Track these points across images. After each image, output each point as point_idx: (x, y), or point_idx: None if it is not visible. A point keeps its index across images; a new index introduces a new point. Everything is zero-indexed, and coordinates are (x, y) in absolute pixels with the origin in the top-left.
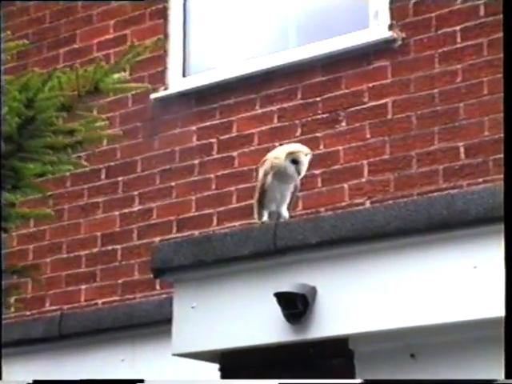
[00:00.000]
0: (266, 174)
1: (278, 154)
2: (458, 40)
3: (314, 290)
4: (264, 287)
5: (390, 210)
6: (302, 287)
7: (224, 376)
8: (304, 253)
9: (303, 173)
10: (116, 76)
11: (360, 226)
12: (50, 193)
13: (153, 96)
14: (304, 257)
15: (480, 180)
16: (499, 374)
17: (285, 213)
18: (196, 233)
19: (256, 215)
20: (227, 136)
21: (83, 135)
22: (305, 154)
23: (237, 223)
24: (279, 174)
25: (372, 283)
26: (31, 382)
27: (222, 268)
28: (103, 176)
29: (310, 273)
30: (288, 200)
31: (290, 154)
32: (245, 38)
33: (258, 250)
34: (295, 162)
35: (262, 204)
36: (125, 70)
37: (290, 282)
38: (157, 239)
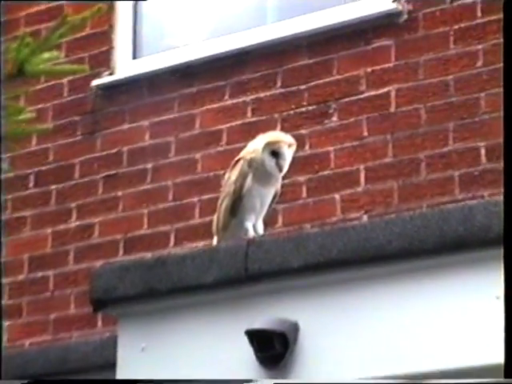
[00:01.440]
0: (243, 176)
1: (256, 146)
2: (479, 14)
3: (295, 327)
4: (233, 323)
5: (393, 227)
6: (281, 323)
7: None
8: (283, 280)
9: (286, 168)
10: (46, 55)
11: (354, 247)
12: None
13: (94, 83)
14: (283, 285)
15: None
16: None
17: (260, 228)
18: (148, 255)
19: (218, 233)
20: (188, 133)
21: (4, 130)
22: (288, 145)
23: (199, 243)
24: (259, 173)
25: (369, 319)
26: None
27: (180, 299)
28: (31, 183)
29: (290, 305)
30: (265, 210)
31: (269, 144)
32: (211, 11)
33: (225, 277)
34: (275, 154)
35: (236, 216)
36: (58, 49)
37: (266, 316)
38: (98, 263)
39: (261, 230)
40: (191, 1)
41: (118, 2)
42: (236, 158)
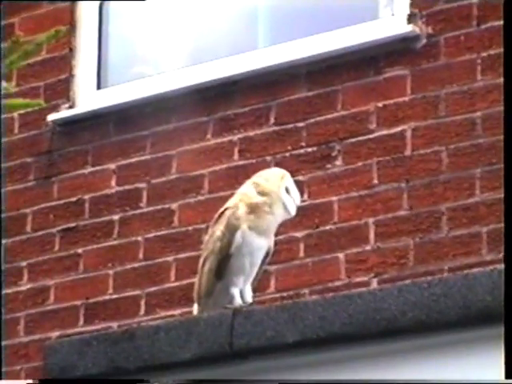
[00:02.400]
0: (231, 230)
1: (267, 185)
2: None
3: None
4: None
5: (407, 294)
6: None
7: None
8: (275, 358)
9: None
10: None
11: (361, 319)
12: None
13: (51, 117)
14: (275, 364)
15: None
16: None
17: (248, 294)
18: (113, 325)
19: (199, 300)
20: (163, 179)
21: None
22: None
23: (175, 312)
24: (258, 220)
25: None
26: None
27: (152, 379)
28: None
29: None
30: (255, 273)
31: (284, 179)
32: (191, 33)
33: (205, 353)
34: (288, 190)
35: (222, 279)
36: (8, 79)
37: None
38: (54, 334)
39: (249, 296)
40: (167, 20)
41: (81, 23)
42: (221, 210)
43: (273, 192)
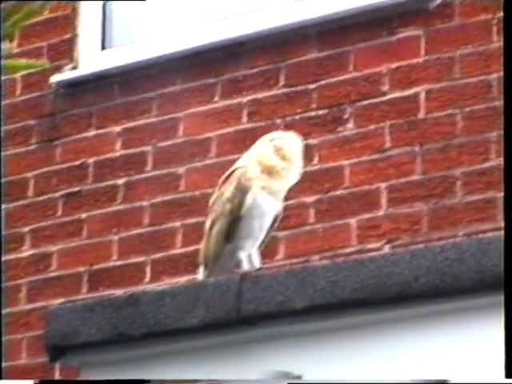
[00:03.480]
0: (242, 191)
1: (289, 150)
2: None
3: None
4: (222, 376)
5: (421, 259)
6: (281, 377)
7: None
8: (284, 324)
9: None
10: None
11: (373, 284)
12: None
13: (54, 79)
14: (284, 330)
15: None
16: None
17: (255, 259)
18: (118, 292)
19: (206, 264)
20: (169, 142)
21: None
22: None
23: (181, 278)
24: (272, 182)
25: (389, 371)
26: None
27: (157, 346)
28: None
29: (292, 355)
30: (263, 236)
31: (299, 143)
32: None
33: (212, 319)
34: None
35: (231, 242)
36: (11, 39)
37: (262, 368)
38: (56, 301)
39: (257, 261)
40: None
41: None
42: (230, 170)
43: (294, 158)
